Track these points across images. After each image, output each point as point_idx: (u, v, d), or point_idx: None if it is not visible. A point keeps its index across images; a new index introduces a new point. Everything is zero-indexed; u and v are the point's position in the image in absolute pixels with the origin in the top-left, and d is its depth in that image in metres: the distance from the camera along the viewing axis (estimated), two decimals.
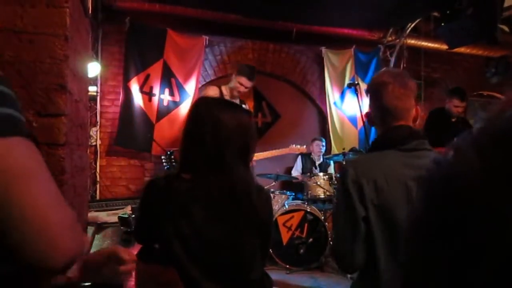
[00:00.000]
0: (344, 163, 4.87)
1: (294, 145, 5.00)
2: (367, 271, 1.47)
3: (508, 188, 0.29)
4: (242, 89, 3.88)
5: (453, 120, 4.42)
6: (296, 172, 5.72)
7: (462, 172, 0.32)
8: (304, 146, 5.14)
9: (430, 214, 0.35)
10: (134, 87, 5.16)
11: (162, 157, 4.43)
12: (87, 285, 1.15)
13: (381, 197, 1.40)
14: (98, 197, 5.07)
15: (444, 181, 0.34)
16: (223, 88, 3.99)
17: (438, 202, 0.35)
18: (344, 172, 1.49)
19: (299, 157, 5.79)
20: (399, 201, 1.39)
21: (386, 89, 1.51)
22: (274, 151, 4.79)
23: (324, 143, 5.67)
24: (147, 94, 5.24)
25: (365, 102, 5.98)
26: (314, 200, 4.95)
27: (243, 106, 4.03)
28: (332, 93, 6.05)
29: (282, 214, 4.48)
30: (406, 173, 1.41)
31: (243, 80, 3.83)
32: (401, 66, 6.15)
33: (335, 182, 4.93)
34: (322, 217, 4.54)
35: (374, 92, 1.57)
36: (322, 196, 4.93)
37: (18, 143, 0.67)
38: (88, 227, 2.40)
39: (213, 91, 3.96)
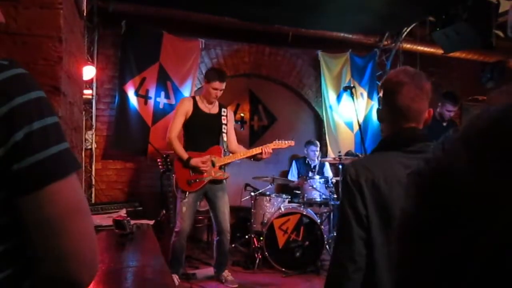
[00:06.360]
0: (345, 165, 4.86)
1: (277, 140, 4.18)
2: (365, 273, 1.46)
3: (494, 177, 0.29)
4: (218, 93, 3.93)
5: (444, 124, 4.40)
6: (292, 177, 5.69)
7: (450, 164, 0.33)
8: (292, 141, 4.24)
9: (421, 209, 0.35)
10: (130, 90, 5.15)
11: (158, 160, 4.42)
12: None
13: (379, 197, 1.40)
14: (93, 201, 5.05)
15: (433, 174, 0.35)
16: (198, 98, 4.03)
17: (429, 196, 0.35)
18: (346, 171, 1.49)
19: (294, 162, 5.78)
20: (396, 202, 1.38)
21: (402, 89, 1.48)
22: (256, 148, 4.10)
23: (318, 148, 5.60)
24: (143, 97, 5.23)
25: (361, 105, 6.08)
26: (310, 203, 4.95)
27: (223, 110, 4.07)
28: (328, 97, 6.06)
29: (278, 217, 4.47)
30: (406, 175, 1.39)
31: (216, 84, 3.87)
32: None
33: (331, 185, 4.93)
34: (318, 220, 4.53)
35: (389, 91, 1.54)
36: (318, 199, 4.92)
37: (75, 178, 0.71)
38: None
39: (187, 102, 4.02)
